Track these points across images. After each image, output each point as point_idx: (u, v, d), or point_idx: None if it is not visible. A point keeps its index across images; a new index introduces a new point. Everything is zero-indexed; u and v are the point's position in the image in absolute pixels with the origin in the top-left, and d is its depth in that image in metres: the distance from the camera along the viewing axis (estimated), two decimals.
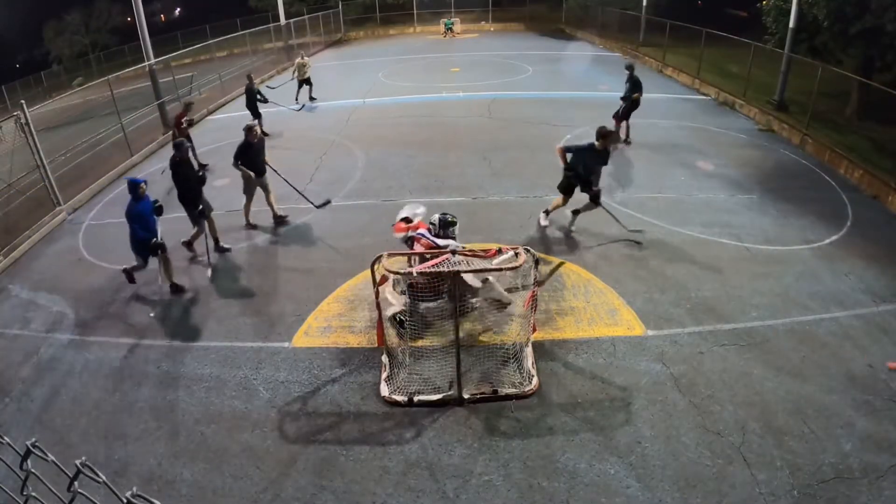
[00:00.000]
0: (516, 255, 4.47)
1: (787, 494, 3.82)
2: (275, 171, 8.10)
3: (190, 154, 7.83)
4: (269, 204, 8.11)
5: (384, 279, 4.70)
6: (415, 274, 4.52)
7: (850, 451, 4.14)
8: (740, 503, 3.78)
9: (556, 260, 6.80)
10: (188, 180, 6.87)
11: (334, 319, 5.92)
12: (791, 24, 12.10)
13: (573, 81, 17.01)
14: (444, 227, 5.66)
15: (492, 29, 31.05)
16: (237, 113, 15.24)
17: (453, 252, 4.67)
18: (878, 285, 6.23)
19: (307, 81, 15.13)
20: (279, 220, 8.22)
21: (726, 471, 4.01)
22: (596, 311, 5.87)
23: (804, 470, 4.00)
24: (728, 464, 4.07)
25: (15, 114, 8.70)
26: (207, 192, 7.21)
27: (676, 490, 3.88)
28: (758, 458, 4.09)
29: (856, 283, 6.27)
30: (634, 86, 10.66)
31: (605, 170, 7.18)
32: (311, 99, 15.46)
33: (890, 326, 5.54)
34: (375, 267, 4.59)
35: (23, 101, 8.90)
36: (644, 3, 21.58)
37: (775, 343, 5.34)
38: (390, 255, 4.66)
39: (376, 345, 5.32)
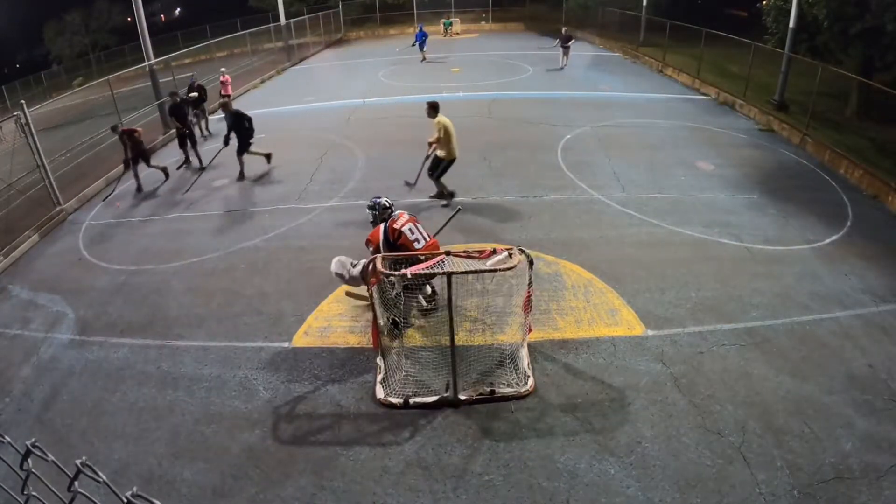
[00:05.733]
0: (510, 255, 4.47)
1: (787, 494, 3.82)
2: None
3: None
4: None
5: (375, 280, 4.69)
6: (409, 276, 4.52)
7: (850, 451, 4.14)
8: (740, 503, 3.78)
9: (551, 258, 6.80)
10: None
11: (334, 319, 5.92)
12: (791, 24, 12.11)
13: (573, 81, 17.01)
14: (382, 211, 5.73)
15: (492, 29, 31.06)
16: None
17: (448, 253, 4.67)
18: (878, 285, 6.23)
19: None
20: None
21: (726, 471, 4.01)
22: (596, 311, 5.87)
23: (804, 470, 4.00)
24: (728, 464, 4.07)
25: (15, 114, 8.70)
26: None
27: (676, 490, 3.88)
28: (758, 458, 4.09)
29: (856, 283, 6.27)
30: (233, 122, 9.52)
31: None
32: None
33: (890, 326, 5.54)
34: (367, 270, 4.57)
35: (23, 101, 8.91)
36: (644, 3, 21.59)
37: (775, 343, 5.33)
38: (384, 257, 4.66)
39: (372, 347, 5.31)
